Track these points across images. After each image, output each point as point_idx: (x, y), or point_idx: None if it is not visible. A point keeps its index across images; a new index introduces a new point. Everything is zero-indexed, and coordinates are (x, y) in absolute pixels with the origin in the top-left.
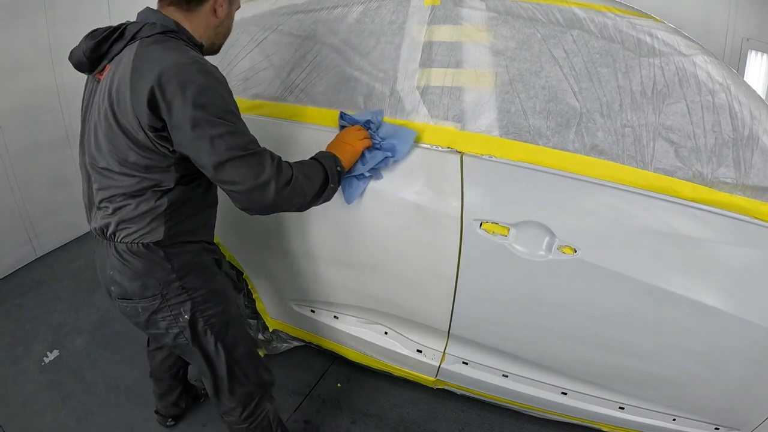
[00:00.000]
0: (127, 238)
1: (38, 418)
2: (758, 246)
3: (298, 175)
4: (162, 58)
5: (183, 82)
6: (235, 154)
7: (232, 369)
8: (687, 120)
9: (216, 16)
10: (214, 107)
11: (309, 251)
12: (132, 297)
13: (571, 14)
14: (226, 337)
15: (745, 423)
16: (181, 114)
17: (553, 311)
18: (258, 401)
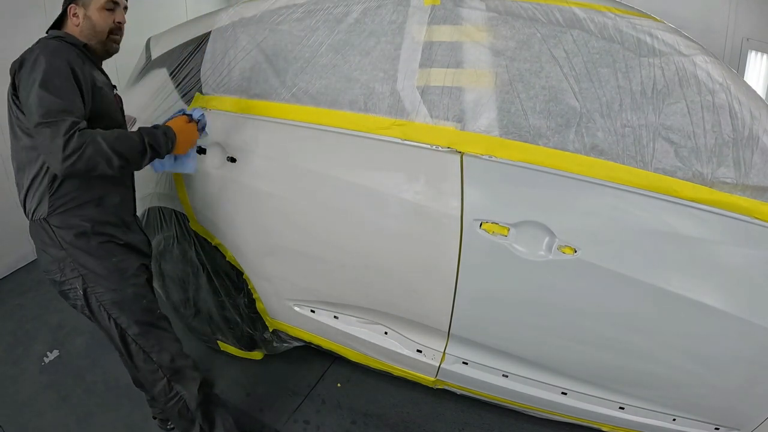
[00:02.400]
0: (29, 213)
1: (38, 418)
2: (758, 246)
3: (94, 143)
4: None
5: (27, 58)
6: (42, 121)
7: (128, 347)
8: (687, 120)
9: (76, 24)
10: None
11: (309, 251)
12: (45, 270)
13: (571, 14)
14: (120, 316)
15: (745, 423)
16: (23, 81)
17: (553, 311)
18: (168, 383)
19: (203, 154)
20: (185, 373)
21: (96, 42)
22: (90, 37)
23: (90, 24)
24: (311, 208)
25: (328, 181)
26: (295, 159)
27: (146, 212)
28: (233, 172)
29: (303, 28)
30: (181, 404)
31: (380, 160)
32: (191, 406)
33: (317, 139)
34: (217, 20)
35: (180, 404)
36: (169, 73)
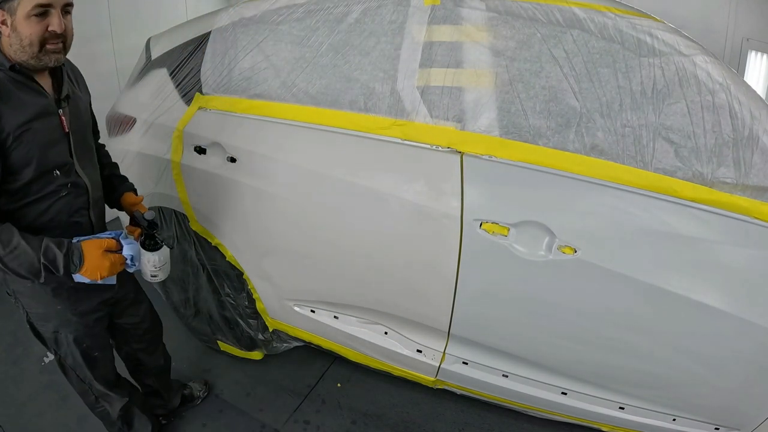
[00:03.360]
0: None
1: (38, 418)
2: (758, 246)
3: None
4: None
5: None
6: None
7: (63, 366)
8: (687, 120)
9: (4, 34)
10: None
11: (309, 251)
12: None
13: (571, 14)
14: (54, 343)
15: (745, 423)
16: None
17: (553, 311)
18: (95, 399)
19: (203, 154)
20: (113, 396)
21: (28, 58)
22: (20, 53)
23: (17, 37)
24: (311, 208)
25: (328, 181)
26: (295, 159)
27: None
28: (233, 172)
29: (303, 28)
30: (104, 413)
31: (380, 160)
32: (113, 415)
33: (317, 140)
34: (217, 20)
35: (103, 413)
36: (169, 73)
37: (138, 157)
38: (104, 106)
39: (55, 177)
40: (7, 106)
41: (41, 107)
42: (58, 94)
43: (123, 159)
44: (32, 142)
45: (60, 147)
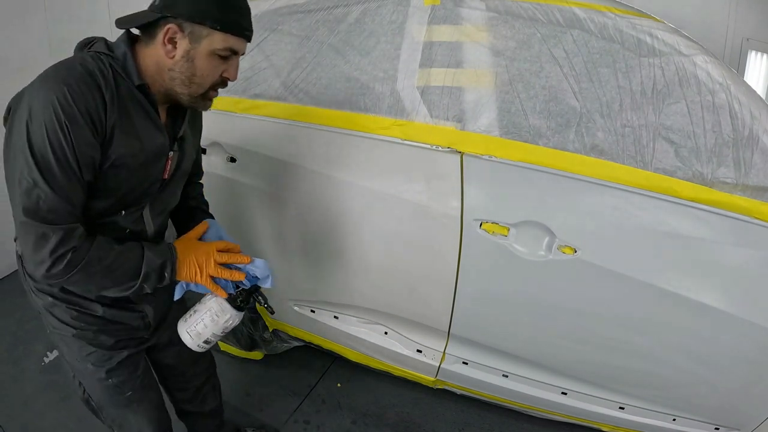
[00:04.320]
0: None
1: (38, 418)
2: (758, 246)
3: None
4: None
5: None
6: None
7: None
8: (687, 120)
9: (168, 54)
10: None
11: (309, 251)
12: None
13: (571, 14)
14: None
15: (745, 423)
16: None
17: (553, 311)
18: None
19: (203, 154)
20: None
21: (181, 92)
22: (174, 83)
23: (189, 67)
24: (311, 208)
25: (327, 181)
26: (294, 159)
27: None
28: (233, 172)
29: (303, 28)
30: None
31: (380, 160)
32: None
33: (317, 140)
34: None
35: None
36: None
37: None
38: None
39: (118, 216)
40: (121, 131)
41: (155, 147)
42: (173, 133)
43: None
44: (126, 179)
45: (146, 190)
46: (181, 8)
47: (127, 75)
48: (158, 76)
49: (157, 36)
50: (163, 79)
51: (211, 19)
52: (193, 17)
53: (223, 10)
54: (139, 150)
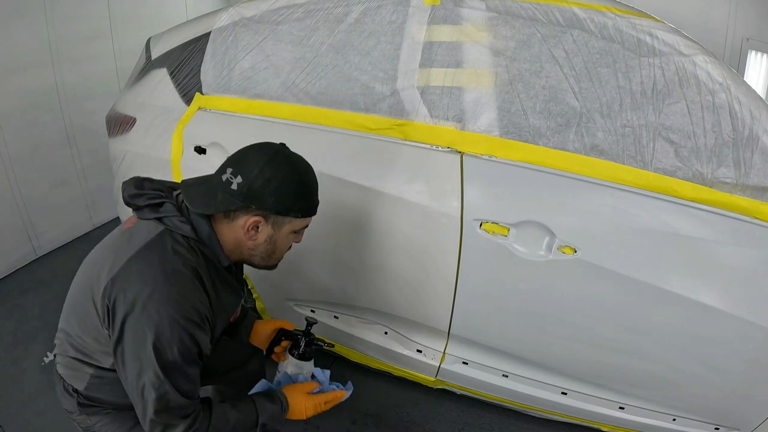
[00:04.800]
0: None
1: (38, 418)
2: (758, 246)
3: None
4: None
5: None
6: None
7: None
8: (687, 120)
9: (250, 239)
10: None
11: (309, 251)
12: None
13: (571, 14)
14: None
15: (745, 423)
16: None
17: (553, 311)
18: None
19: (203, 154)
20: None
21: (261, 263)
22: (259, 258)
23: (271, 248)
24: None
25: (327, 181)
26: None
27: None
28: None
29: (303, 28)
30: None
31: (380, 160)
32: None
33: (317, 140)
34: (217, 20)
35: None
36: (169, 73)
37: (138, 157)
38: (104, 106)
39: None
40: (218, 313)
41: (234, 308)
42: (240, 286)
43: (123, 159)
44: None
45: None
46: (268, 203)
47: (215, 257)
48: (237, 250)
49: (238, 220)
50: (241, 253)
51: (294, 210)
52: (278, 212)
53: (304, 201)
54: (226, 319)
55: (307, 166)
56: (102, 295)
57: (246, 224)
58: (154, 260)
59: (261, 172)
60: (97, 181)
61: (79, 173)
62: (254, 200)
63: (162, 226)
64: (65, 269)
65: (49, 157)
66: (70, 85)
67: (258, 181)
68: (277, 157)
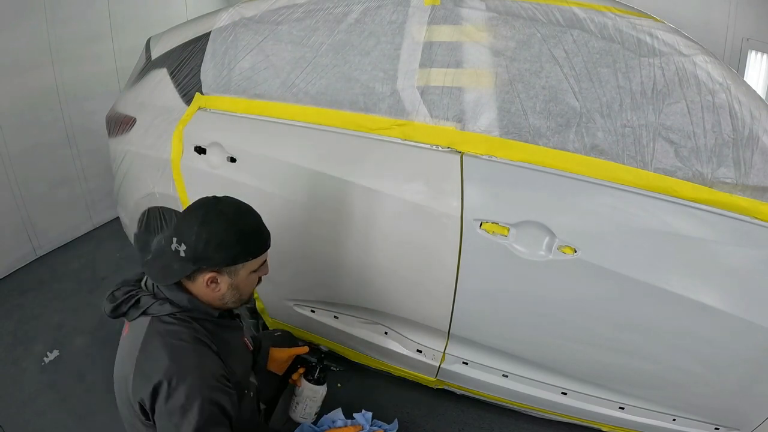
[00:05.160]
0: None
1: (38, 418)
2: (758, 246)
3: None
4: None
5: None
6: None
7: None
8: (687, 120)
9: (213, 291)
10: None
11: (309, 251)
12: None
13: (571, 14)
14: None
15: (745, 423)
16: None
17: (553, 311)
18: None
19: (203, 154)
20: None
21: (238, 304)
22: (231, 303)
23: (236, 293)
24: (311, 208)
25: (328, 181)
26: (294, 159)
27: (146, 212)
28: (233, 172)
29: (303, 28)
30: None
31: (380, 160)
32: None
33: (317, 140)
34: (217, 20)
35: None
36: (169, 73)
37: (138, 157)
38: (104, 106)
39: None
40: (233, 361)
41: (239, 337)
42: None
43: (123, 159)
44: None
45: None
46: (216, 260)
47: (205, 314)
48: (212, 301)
49: (197, 280)
50: (215, 302)
51: (242, 257)
52: (228, 264)
53: (249, 245)
54: (243, 352)
55: (241, 211)
56: (133, 398)
57: (204, 281)
58: (156, 350)
59: (198, 236)
60: (97, 181)
61: (79, 173)
62: (203, 261)
63: (148, 317)
64: (65, 269)
65: (49, 157)
66: (70, 85)
67: (199, 245)
68: (208, 216)
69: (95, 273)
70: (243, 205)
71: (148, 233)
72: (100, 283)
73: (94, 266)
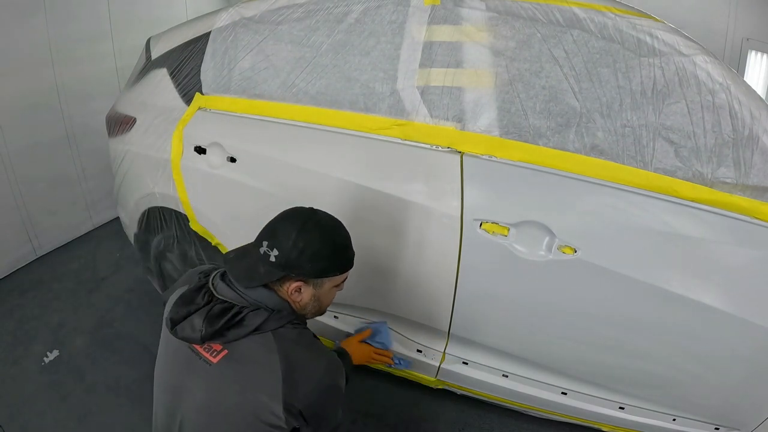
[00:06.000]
0: None
1: (38, 418)
2: (758, 246)
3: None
4: (312, 374)
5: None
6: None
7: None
8: (687, 120)
9: (296, 300)
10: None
11: None
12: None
13: (571, 14)
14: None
15: (745, 423)
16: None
17: (553, 311)
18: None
19: (203, 154)
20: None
21: (310, 316)
22: (311, 314)
23: (317, 304)
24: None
25: (327, 181)
26: (294, 159)
27: (146, 212)
28: (233, 172)
29: (303, 28)
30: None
31: (380, 161)
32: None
33: (317, 140)
34: (217, 20)
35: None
36: (169, 73)
37: (138, 157)
38: (104, 106)
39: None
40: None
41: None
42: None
43: (123, 159)
44: None
45: None
46: (306, 270)
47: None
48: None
49: (283, 286)
50: (307, 315)
51: (331, 270)
52: (317, 275)
53: (339, 260)
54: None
55: (336, 225)
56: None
57: (289, 288)
58: (304, 358)
59: (294, 243)
60: (97, 181)
61: (79, 173)
62: (293, 269)
63: (264, 333)
64: (65, 269)
65: (49, 157)
66: (70, 85)
67: (293, 253)
68: (307, 225)
69: (95, 273)
70: (338, 220)
71: (148, 233)
72: (100, 283)
73: (94, 266)
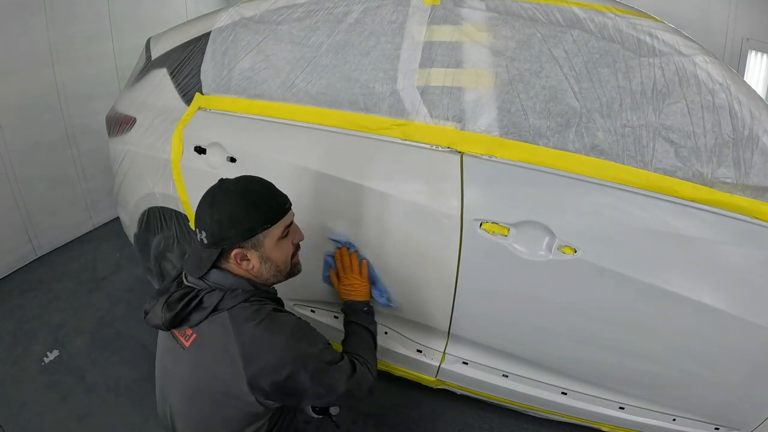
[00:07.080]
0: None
1: (38, 418)
2: (758, 246)
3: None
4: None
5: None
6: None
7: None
8: (687, 120)
9: (248, 268)
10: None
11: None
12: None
13: (571, 14)
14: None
15: (745, 423)
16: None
17: (553, 311)
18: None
19: (203, 154)
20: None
21: (282, 278)
22: (272, 277)
23: (270, 264)
24: (310, 208)
25: (327, 181)
26: (294, 159)
27: (146, 212)
28: (233, 172)
29: (303, 28)
30: None
31: (380, 161)
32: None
33: (317, 139)
34: (217, 20)
35: None
36: (169, 73)
37: (138, 157)
38: (104, 106)
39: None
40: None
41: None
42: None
43: (123, 159)
44: None
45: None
46: (233, 238)
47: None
48: (268, 281)
49: (229, 261)
50: (259, 281)
51: (258, 227)
52: (246, 237)
53: (262, 213)
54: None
55: (246, 184)
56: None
57: (235, 261)
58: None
59: (212, 218)
60: (97, 181)
61: (79, 173)
62: (223, 242)
63: (221, 313)
64: (65, 269)
65: (49, 157)
66: (70, 85)
67: (215, 227)
68: (216, 197)
69: (95, 273)
70: (249, 177)
71: (148, 233)
72: (100, 283)
73: (94, 266)
